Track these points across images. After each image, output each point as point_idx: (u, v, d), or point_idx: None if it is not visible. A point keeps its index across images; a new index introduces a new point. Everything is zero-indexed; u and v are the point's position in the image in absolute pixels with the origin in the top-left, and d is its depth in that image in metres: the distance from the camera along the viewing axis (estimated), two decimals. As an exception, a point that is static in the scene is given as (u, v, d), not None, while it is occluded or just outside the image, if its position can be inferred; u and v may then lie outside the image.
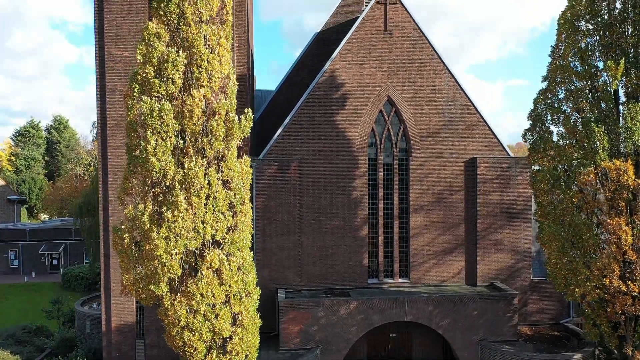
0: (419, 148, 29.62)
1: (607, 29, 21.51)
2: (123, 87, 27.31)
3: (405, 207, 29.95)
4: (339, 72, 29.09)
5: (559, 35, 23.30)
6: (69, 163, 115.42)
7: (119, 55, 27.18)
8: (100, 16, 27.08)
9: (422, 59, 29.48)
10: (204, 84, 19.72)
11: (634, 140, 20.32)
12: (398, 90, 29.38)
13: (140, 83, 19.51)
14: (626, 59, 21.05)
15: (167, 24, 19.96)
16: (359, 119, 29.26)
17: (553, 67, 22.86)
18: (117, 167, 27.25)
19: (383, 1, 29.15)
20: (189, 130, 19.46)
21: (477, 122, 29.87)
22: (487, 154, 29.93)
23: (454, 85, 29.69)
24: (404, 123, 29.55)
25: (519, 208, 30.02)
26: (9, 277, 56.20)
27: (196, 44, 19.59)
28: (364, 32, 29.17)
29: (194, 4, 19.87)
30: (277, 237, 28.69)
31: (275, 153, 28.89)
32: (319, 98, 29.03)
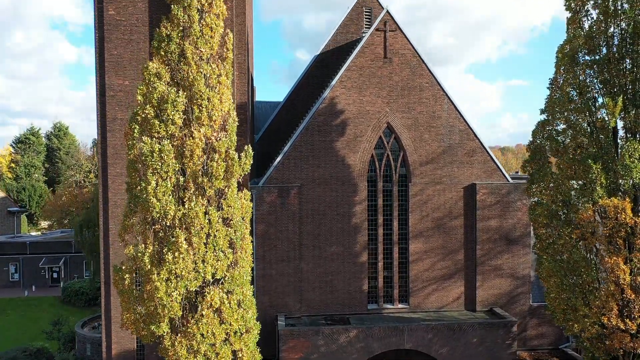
0: (419, 174, 29.72)
1: (605, 64, 21.61)
2: (124, 115, 27.47)
3: (404, 232, 30.05)
4: (338, 98, 29.19)
5: (557, 68, 23.41)
6: (69, 170, 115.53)
7: (120, 84, 27.28)
8: (100, 45, 27.18)
9: (422, 85, 29.59)
10: (205, 122, 19.85)
11: (632, 177, 20.42)
12: (398, 117, 29.49)
13: (141, 123, 19.64)
14: (624, 95, 21.16)
15: (167, 63, 20.12)
16: (359, 146, 29.37)
17: (552, 100, 22.97)
18: (117, 195, 27.35)
19: (383, 28, 29.26)
20: (189, 170, 19.58)
21: (476, 148, 29.98)
22: (486, 180, 30.03)
23: (453, 112, 29.80)
24: (403, 149, 29.66)
25: (518, 234, 30.13)
26: (10, 290, 56.32)
27: (196, 83, 19.72)
28: (364, 59, 29.27)
29: (195, 43, 20.02)
30: (277, 264, 28.79)
31: (275, 180, 28.97)
32: (318, 125, 29.13)
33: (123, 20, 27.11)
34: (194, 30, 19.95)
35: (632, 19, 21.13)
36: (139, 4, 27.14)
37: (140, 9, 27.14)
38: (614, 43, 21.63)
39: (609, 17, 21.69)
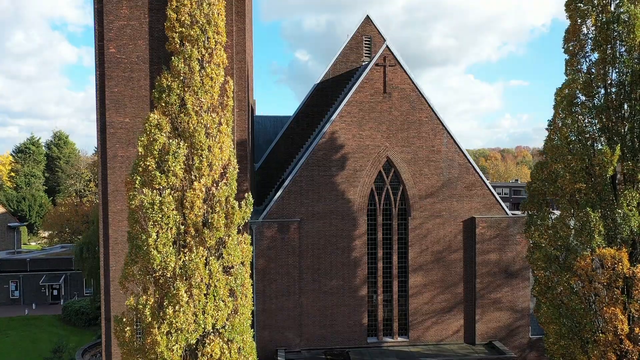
0: (418, 208, 29.83)
1: (603, 111, 21.72)
2: (124, 152, 27.60)
3: (404, 266, 30.16)
4: (338, 133, 29.30)
5: (556, 110, 23.52)
6: (69, 179, 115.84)
7: (120, 121, 27.39)
8: (101, 83, 27.30)
9: (421, 119, 29.71)
10: (205, 173, 19.93)
11: (630, 226, 20.53)
12: (397, 151, 29.60)
13: (142, 174, 19.70)
14: (623, 143, 21.27)
15: (168, 114, 20.21)
16: (359, 180, 29.48)
17: (550, 143, 23.07)
18: (117, 232, 27.46)
19: (382, 63, 29.38)
20: (190, 221, 19.67)
21: (475, 182, 30.10)
22: (485, 214, 30.15)
23: (452, 146, 29.92)
24: (403, 183, 29.77)
25: (518, 267, 30.24)
26: (10, 308, 56.41)
27: (197, 134, 19.78)
28: (363, 93, 29.38)
29: (195, 94, 20.10)
30: (277, 298, 28.89)
31: (276, 214, 29.08)
32: (318, 159, 29.24)
33: (124, 58, 27.23)
34: (195, 81, 20.03)
35: (630, 67, 21.26)
36: (139, 42, 27.25)
37: (140, 47, 27.26)
38: (612, 90, 21.75)
39: (607, 63, 21.84)
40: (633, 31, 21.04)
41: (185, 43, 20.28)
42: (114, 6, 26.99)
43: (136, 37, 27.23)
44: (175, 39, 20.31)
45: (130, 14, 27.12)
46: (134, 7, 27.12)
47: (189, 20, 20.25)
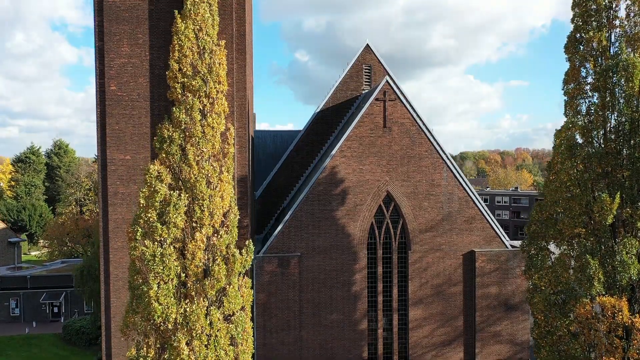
0: (418, 242, 29.92)
1: (603, 157, 21.81)
2: (125, 189, 27.67)
3: (404, 299, 30.25)
4: (338, 168, 29.39)
5: (555, 152, 23.62)
6: (69, 188, 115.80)
7: (121, 159, 27.46)
8: (102, 120, 27.37)
9: (421, 154, 29.81)
10: (206, 222, 20.00)
11: (629, 274, 20.62)
12: (397, 185, 29.69)
13: (143, 226, 19.79)
14: (621, 191, 21.35)
15: (169, 164, 20.30)
16: (359, 214, 29.56)
17: (549, 188, 23.15)
18: (118, 269, 27.53)
19: (382, 98, 29.48)
20: (190, 272, 19.75)
21: (475, 215, 30.19)
22: (485, 247, 30.24)
23: (452, 179, 30.01)
24: (403, 217, 29.86)
25: (517, 300, 30.33)
26: (10, 326, 56.39)
27: (198, 184, 19.86)
28: (364, 128, 29.48)
29: (196, 144, 20.20)
30: (278, 333, 28.97)
31: (276, 249, 29.16)
32: (318, 194, 29.32)
33: (124, 96, 27.30)
34: (196, 132, 20.13)
35: (629, 115, 21.36)
36: (140, 79, 27.33)
37: (141, 85, 27.34)
38: (611, 137, 21.84)
39: (606, 109, 21.93)
40: (632, 79, 21.12)
41: (187, 93, 20.39)
42: (115, 44, 27.07)
43: (137, 75, 27.31)
44: (177, 89, 20.42)
45: (131, 51, 27.21)
46: (135, 45, 27.20)
47: (190, 70, 20.37)
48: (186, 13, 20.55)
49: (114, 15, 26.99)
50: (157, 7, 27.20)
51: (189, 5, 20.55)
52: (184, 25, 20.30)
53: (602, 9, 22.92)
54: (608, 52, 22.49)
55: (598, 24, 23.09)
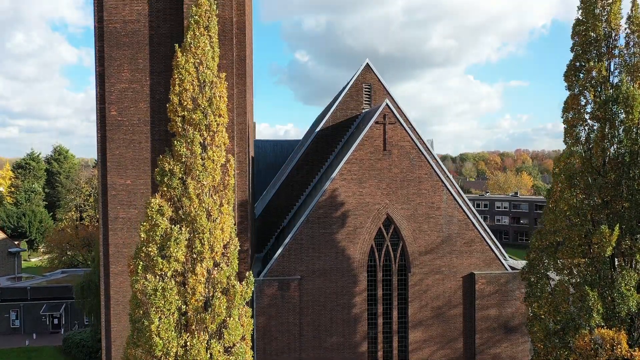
0: (418, 264, 29.99)
1: (602, 188, 21.87)
2: (125, 214, 27.73)
3: (404, 322, 30.31)
4: (338, 191, 29.46)
5: (555, 180, 23.70)
6: (69, 194, 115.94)
7: (122, 183, 27.52)
8: (102, 145, 27.44)
9: (421, 176, 29.87)
10: (206, 256, 20.04)
11: (628, 306, 20.68)
12: (397, 208, 29.76)
13: (144, 260, 19.86)
14: (621, 223, 21.40)
15: (169, 198, 20.36)
16: (359, 237, 29.63)
17: (549, 217, 23.21)
18: (119, 294, 27.59)
19: (382, 121, 29.55)
20: (191, 305, 19.82)
21: (475, 238, 30.25)
22: (485, 269, 30.30)
23: (452, 202, 30.08)
24: (403, 240, 29.93)
25: (517, 322, 30.39)
26: (10, 338, 56.41)
27: (198, 218, 19.90)
28: (363, 151, 29.55)
29: (197, 177, 20.26)
30: (278, 356, 29.01)
31: (276, 272, 29.22)
32: (319, 217, 29.38)
33: (125, 121, 27.37)
34: (196, 165, 20.18)
35: (628, 147, 21.42)
36: (140, 104, 27.40)
37: (142, 109, 27.41)
38: (610, 168, 21.89)
39: (606, 140, 22.00)
40: (632, 112, 21.21)
41: (188, 126, 20.43)
42: (116, 69, 27.14)
43: (137, 100, 27.38)
44: (177, 122, 20.47)
45: (131, 76, 27.28)
46: (136, 70, 27.27)
47: (191, 104, 20.42)
48: (186, 46, 20.60)
49: (115, 40, 27.06)
50: (157, 32, 27.28)
51: (189, 39, 20.61)
52: (184, 59, 20.35)
53: (601, 38, 23.00)
54: (608, 82, 22.57)
55: (598, 53, 23.18)
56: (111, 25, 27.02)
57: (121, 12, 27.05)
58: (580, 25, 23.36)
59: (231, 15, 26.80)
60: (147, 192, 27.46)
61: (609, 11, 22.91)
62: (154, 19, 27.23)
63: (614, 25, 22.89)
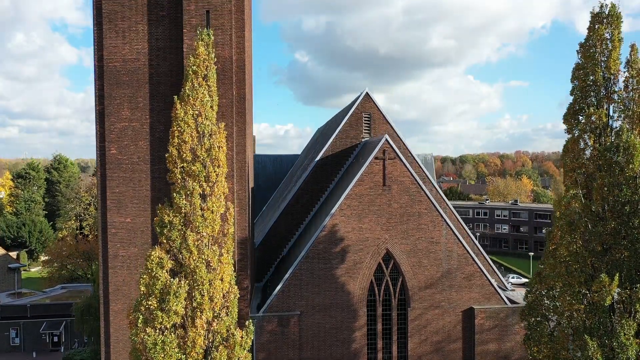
0: (418, 299, 29.99)
1: (602, 236, 21.87)
2: (125, 252, 27.73)
3: (404, 356, 30.30)
4: (338, 226, 29.46)
5: (555, 227, 23.72)
6: (69, 203, 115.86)
7: (121, 221, 27.52)
8: (103, 183, 27.45)
9: (420, 211, 29.88)
10: (206, 307, 20.06)
11: (627, 355, 20.69)
12: (397, 243, 29.77)
13: (144, 313, 19.88)
14: (620, 271, 21.40)
15: (169, 249, 20.37)
16: (358, 272, 29.64)
17: (549, 262, 23.24)
18: (119, 331, 27.59)
19: (382, 157, 29.55)
20: (191, 358, 19.84)
21: (474, 272, 30.26)
22: (484, 304, 30.30)
23: (451, 237, 30.09)
24: (402, 275, 29.94)
25: (516, 357, 30.38)
26: (10, 356, 56.43)
27: (198, 270, 19.93)
28: (363, 187, 29.56)
29: (196, 229, 20.29)
30: (278, 392, 29.04)
31: (276, 308, 29.22)
32: (318, 253, 29.39)
33: (125, 159, 27.38)
34: (196, 217, 20.20)
35: (628, 196, 21.42)
36: (140, 142, 27.40)
37: (141, 148, 27.41)
38: (610, 216, 21.88)
39: (606, 188, 21.96)
40: (632, 161, 21.21)
41: (187, 177, 20.45)
42: (115, 108, 27.15)
43: (137, 138, 27.40)
44: (176, 174, 20.48)
45: (131, 115, 27.29)
46: (135, 109, 27.28)
47: (190, 156, 20.43)
48: (185, 97, 20.60)
49: (115, 79, 27.08)
50: (157, 70, 27.29)
51: (187, 90, 20.61)
52: (183, 111, 20.36)
53: (601, 83, 23.03)
54: (608, 127, 22.57)
55: (597, 98, 23.21)
56: (111, 64, 27.03)
57: (121, 51, 27.06)
58: (580, 69, 23.40)
59: (231, 54, 26.81)
60: (147, 230, 27.49)
61: (608, 56, 22.95)
62: (154, 57, 27.24)
63: (613, 71, 22.91)
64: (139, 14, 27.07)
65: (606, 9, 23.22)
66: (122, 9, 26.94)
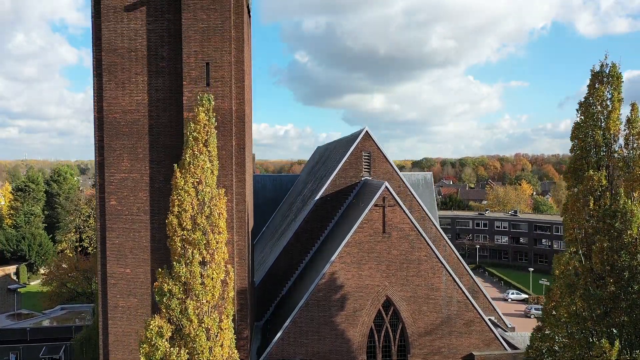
0: (418, 345, 29.98)
1: (602, 300, 21.86)
2: (125, 303, 27.68)
3: (403, 402, 30.32)
4: (338, 274, 29.46)
5: (554, 285, 23.73)
6: (69, 215, 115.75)
7: (122, 272, 27.47)
8: (102, 234, 27.41)
9: (420, 258, 29.88)
10: (206, 377, 20.12)
11: (628, 421, 20.70)
12: (397, 290, 29.77)
13: (145, 381, 19.91)
14: (620, 336, 21.41)
15: (169, 318, 20.35)
16: (358, 319, 29.63)
17: (549, 321, 23.24)
18: (119, 382, 27.57)
19: (381, 204, 29.56)
20: None
21: (474, 319, 30.26)
22: (485, 350, 30.30)
23: (451, 283, 30.09)
24: (402, 321, 29.94)
25: (516, 402, 30.41)
26: (10, 381, 56.45)
27: (198, 339, 19.97)
28: (363, 234, 29.55)
29: (196, 298, 20.29)
30: None
31: (275, 356, 29.20)
32: (318, 300, 29.39)
33: (124, 210, 27.34)
34: (196, 286, 20.23)
35: (627, 262, 21.42)
36: (140, 193, 27.37)
37: (141, 199, 27.37)
38: (611, 281, 21.87)
39: (605, 253, 21.96)
40: (630, 227, 21.22)
41: (187, 246, 20.46)
42: (115, 159, 27.12)
43: (137, 189, 27.36)
44: (176, 242, 20.49)
45: (131, 166, 27.26)
46: (135, 160, 27.26)
47: (190, 224, 20.44)
48: (185, 165, 20.60)
49: (114, 130, 27.06)
50: (157, 122, 27.26)
51: (188, 158, 20.61)
52: (183, 180, 20.38)
53: (600, 144, 23.06)
54: (607, 192, 22.57)
55: (597, 158, 23.22)
56: (111, 115, 27.01)
57: (121, 102, 27.04)
58: (580, 129, 23.42)
59: (230, 106, 26.79)
60: (146, 281, 27.46)
61: (607, 116, 22.96)
62: (154, 108, 27.22)
63: (613, 131, 22.94)
64: (139, 65, 27.05)
65: (607, 69, 23.24)
66: (122, 61, 26.91)
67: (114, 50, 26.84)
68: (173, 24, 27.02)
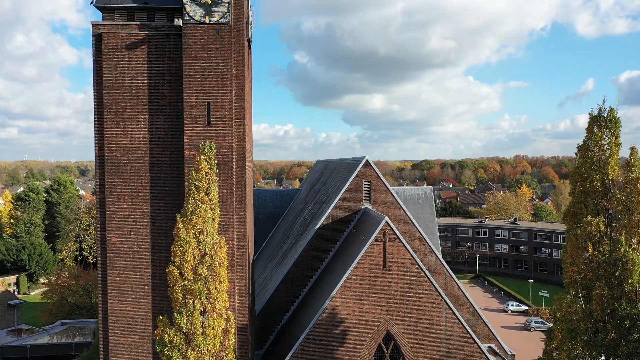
0: (418, 379, 30.06)
1: (602, 347, 21.94)
2: (126, 340, 27.74)
3: None
4: (338, 309, 29.53)
5: (554, 327, 23.82)
6: (69, 224, 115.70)
7: (122, 310, 27.53)
8: (104, 272, 27.47)
9: (421, 292, 29.95)
10: None
11: None
12: (397, 324, 29.83)
13: None
14: (620, 383, 21.51)
15: (170, 370, 20.44)
16: (359, 354, 29.69)
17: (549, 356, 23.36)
18: (120, 419, 27.63)
19: (382, 239, 29.62)
20: None
21: (474, 352, 30.32)
22: (484, 383, 30.37)
23: (451, 317, 30.16)
24: (403, 356, 30.00)
25: None
26: (11, 399, 56.52)
27: (199, 390, 20.06)
28: (363, 269, 29.63)
29: (197, 348, 20.36)
30: None
31: (276, 390, 29.29)
32: (319, 335, 29.45)
33: (125, 248, 27.41)
34: (197, 336, 20.31)
35: (627, 310, 21.50)
36: (141, 231, 27.44)
37: (142, 236, 27.44)
38: (610, 327, 21.96)
39: (605, 301, 22.04)
40: (631, 276, 21.30)
41: (188, 296, 20.53)
42: (116, 197, 27.19)
43: (138, 227, 27.42)
44: (177, 293, 20.56)
45: (132, 204, 27.32)
46: (136, 197, 27.31)
47: (191, 275, 20.51)
48: (187, 216, 20.67)
49: (115, 169, 27.12)
50: (158, 160, 27.32)
51: (190, 208, 20.69)
52: (185, 230, 20.45)
53: (599, 189, 23.13)
54: (607, 237, 22.66)
55: (595, 202, 23.30)
56: (112, 153, 27.07)
57: (122, 141, 27.11)
58: (578, 174, 23.50)
59: (231, 144, 26.85)
60: (147, 318, 27.52)
61: (606, 161, 23.03)
62: (155, 146, 27.29)
63: (612, 177, 23.01)
64: (140, 103, 27.12)
65: (605, 113, 23.32)
66: (123, 99, 26.97)
67: (115, 88, 26.90)
68: (174, 62, 27.08)
